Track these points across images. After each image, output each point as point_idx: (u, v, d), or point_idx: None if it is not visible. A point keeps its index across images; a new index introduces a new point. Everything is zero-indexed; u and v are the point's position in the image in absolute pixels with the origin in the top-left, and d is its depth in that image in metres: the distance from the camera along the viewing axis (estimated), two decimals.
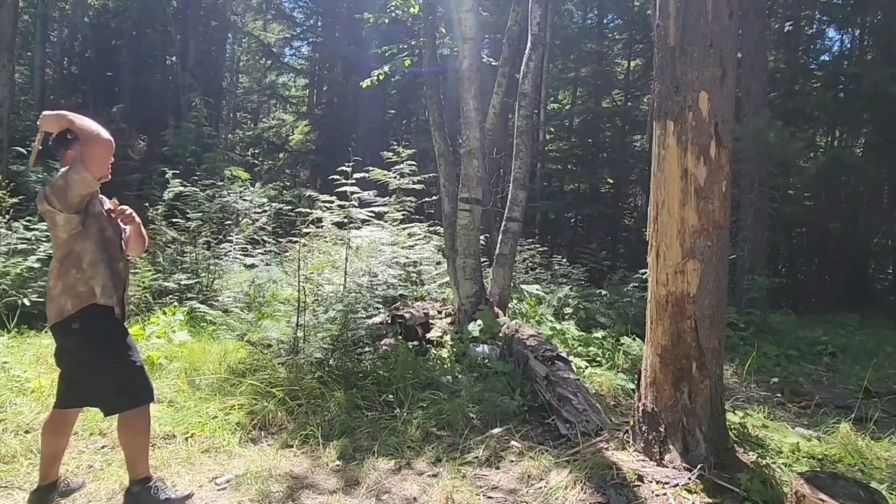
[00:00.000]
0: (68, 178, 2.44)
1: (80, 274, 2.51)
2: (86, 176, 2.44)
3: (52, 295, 2.53)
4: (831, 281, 13.38)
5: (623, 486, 2.76)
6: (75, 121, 2.49)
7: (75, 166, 2.44)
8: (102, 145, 2.50)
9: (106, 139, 2.50)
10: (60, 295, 2.50)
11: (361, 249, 5.74)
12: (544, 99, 15.93)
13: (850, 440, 3.41)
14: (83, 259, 2.52)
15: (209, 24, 19.74)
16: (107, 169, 2.57)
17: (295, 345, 4.34)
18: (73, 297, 2.50)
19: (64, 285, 2.50)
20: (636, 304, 7.34)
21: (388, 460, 3.28)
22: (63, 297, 2.50)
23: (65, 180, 2.44)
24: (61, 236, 2.51)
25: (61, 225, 2.49)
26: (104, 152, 2.51)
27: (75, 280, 2.50)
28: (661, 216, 2.97)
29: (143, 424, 2.61)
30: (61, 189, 2.44)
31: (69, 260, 2.52)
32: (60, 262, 2.53)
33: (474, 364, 4.68)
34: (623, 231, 16.37)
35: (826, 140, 14.72)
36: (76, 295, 2.50)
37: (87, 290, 2.51)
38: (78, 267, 2.51)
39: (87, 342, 2.54)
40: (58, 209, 2.45)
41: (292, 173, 21.60)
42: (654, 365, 3.04)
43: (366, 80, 6.45)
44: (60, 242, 2.53)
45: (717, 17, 2.86)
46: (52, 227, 2.53)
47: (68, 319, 2.50)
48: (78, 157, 2.46)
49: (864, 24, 14.23)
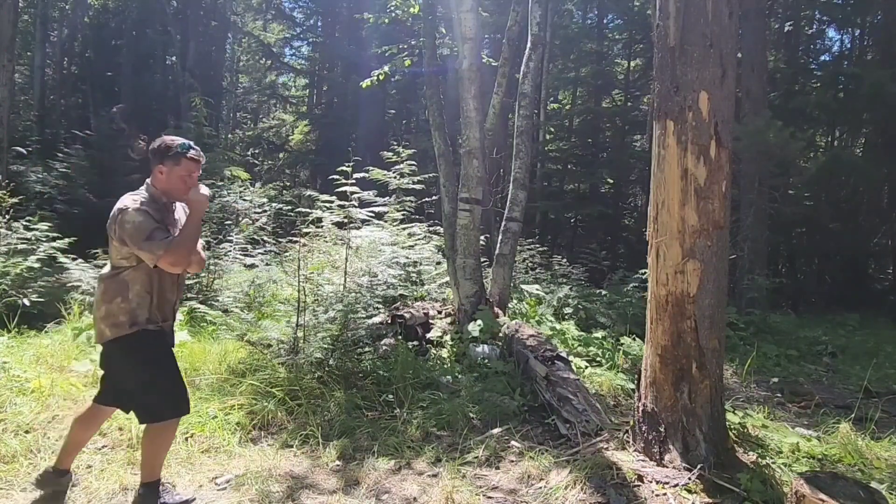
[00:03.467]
0: (130, 218, 2.41)
1: (125, 304, 2.49)
2: (141, 221, 2.41)
3: (95, 314, 2.55)
4: (831, 281, 13.38)
5: (623, 486, 2.76)
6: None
7: (134, 211, 2.42)
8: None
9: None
10: (102, 319, 2.51)
11: (361, 249, 5.73)
12: (544, 99, 15.92)
13: (850, 440, 3.41)
14: (130, 289, 2.49)
15: (209, 24, 19.74)
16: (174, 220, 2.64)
17: (295, 345, 4.34)
18: (113, 325, 2.49)
19: (106, 311, 2.49)
20: (636, 304, 7.33)
21: (388, 460, 3.28)
22: (104, 322, 2.50)
23: (130, 221, 2.41)
24: (114, 257, 2.52)
25: (115, 247, 2.50)
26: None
27: (118, 308, 2.48)
28: (661, 216, 2.97)
29: (166, 437, 2.63)
30: (121, 223, 2.43)
31: (116, 285, 2.50)
32: (107, 282, 2.53)
33: (474, 364, 4.68)
34: (623, 231, 16.36)
35: (826, 140, 14.72)
36: (116, 324, 2.49)
37: (128, 320, 2.49)
38: (123, 296, 2.49)
39: (125, 361, 2.56)
40: (115, 237, 2.46)
41: (292, 173, 21.60)
42: (654, 365, 3.04)
43: (366, 80, 6.44)
44: (112, 262, 2.53)
45: (717, 17, 2.86)
46: (110, 242, 2.52)
47: (108, 342, 2.52)
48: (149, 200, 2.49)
49: (864, 24, 14.23)
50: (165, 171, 2.55)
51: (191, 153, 2.57)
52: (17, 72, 13.13)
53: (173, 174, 2.55)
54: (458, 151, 6.11)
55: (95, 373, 4.12)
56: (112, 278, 2.51)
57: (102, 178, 12.46)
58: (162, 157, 2.55)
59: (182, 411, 2.65)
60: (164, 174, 2.55)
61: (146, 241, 2.39)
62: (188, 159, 2.56)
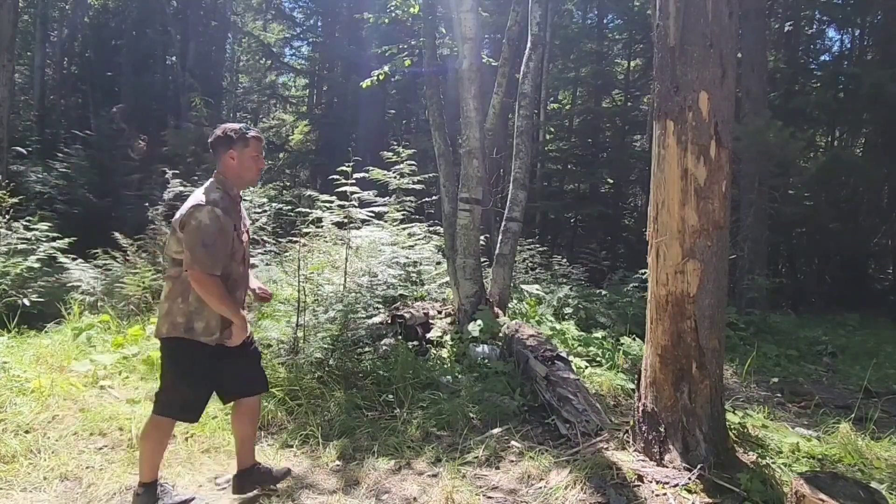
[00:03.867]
0: (201, 218, 2.42)
1: (185, 305, 2.51)
2: (210, 227, 2.43)
3: (159, 309, 2.60)
4: (831, 281, 13.37)
5: (623, 486, 2.76)
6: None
7: (208, 212, 2.43)
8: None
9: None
10: (162, 316, 2.56)
11: (361, 249, 5.73)
12: (544, 99, 15.91)
13: (850, 440, 3.40)
14: (191, 292, 2.50)
15: (209, 24, 19.73)
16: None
17: (295, 345, 4.34)
18: (170, 324, 2.52)
19: (168, 308, 2.54)
20: (636, 304, 7.33)
21: (388, 460, 3.28)
22: (163, 319, 2.55)
23: (197, 219, 2.42)
24: (173, 248, 2.53)
25: (173, 245, 2.52)
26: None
27: (178, 309, 2.52)
28: (661, 216, 2.97)
29: (161, 432, 2.64)
30: (188, 216, 2.44)
31: (179, 285, 2.53)
32: (172, 281, 2.56)
33: (474, 364, 4.68)
34: (623, 231, 16.35)
35: (826, 140, 14.71)
36: (173, 324, 2.52)
37: (184, 323, 2.51)
38: (184, 298, 2.51)
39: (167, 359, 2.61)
40: (177, 237, 2.47)
41: (292, 173, 21.57)
42: (654, 365, 3.04)
43: (366, 80, 6.44)
44: (172, 256, 2.55)
45: (717, 17, 2.86)
46: (171, 235, 2.54)
47: (163, 339, 2.57)
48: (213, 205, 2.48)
49: (864, 24, 14.22)
50: (236, 155, 2.58)
51: (252, 133, 2.63)
52: (17, 72, 13.12)
53: (244, 156, 2.59)
54: (458, 151, 6.11)
55: (95, 373, 4.13)
56: (177, 277, 2.53)
57: (102, 178, 12.47)
58: (230, 144, 2.58)
59: (186, 418, 2.69)
60: (236, 159, 2.59)
61: (202, 246, 2.41)
62: (253, 139, 2.62)
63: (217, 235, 2.44)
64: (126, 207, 11.45)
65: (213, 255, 2.43)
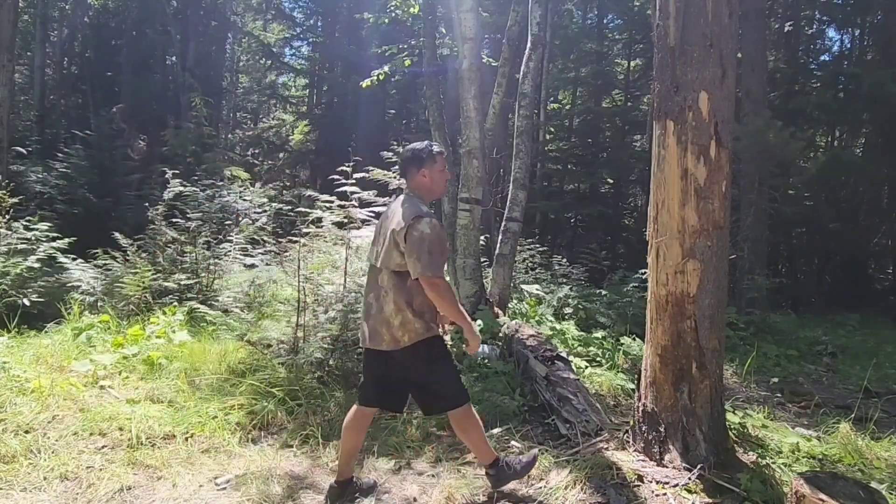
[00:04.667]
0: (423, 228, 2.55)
1: (414, 310, 2.65)
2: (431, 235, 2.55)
3: (390, 322, 2.65)
4: (831, 281, 13.37)
5: (623, 486, 2.76)
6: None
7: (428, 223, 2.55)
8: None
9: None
10: (399, 327, 2.64)
11: (361, 249, 5.73)
12: (544, 99, 15.92)
13: (850, 440, 3.40)
14: (414, 299, 2.64)
15: (209, 24, 19.73)
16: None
17: (295, 345, 4.34)
18: (410, 331, 2.64)
19: (403, 319, 2.64)
20: (636, 304, 7.33)
21: (388, 460, 3.28)
22: (401, 330, 2.64)
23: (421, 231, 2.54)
24: (396, 260, 2.62)
25: (401, 251, 2.60)
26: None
27: (411, 318, 2.64)
28: (661, 216, 2.97)
29: (471, 419, 2.77)
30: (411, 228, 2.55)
31: (404, 294, 2.64)
32: (394, 291, 2.65)
33: (474, 364, 4.68)
34: (623, 231, 16.35)
35: (826, 140, 14.71)
36: (412, 331, 2.64)
37: (422, 326, 2.65)
38: (410, 304, 2.64)
39: (421, 359, 2.70)
40: (402, 241, 2.57)
41: (292, 173, 21.57)
42: (654, 365, 3.04)
43: (366, 80, 6.44)
44: (392, 269, 2.64)
45: (717, 17, 2.86)
46: (390, 249, 2.62)
47: (402, 349, 2.65)
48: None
49: (864, 24, 14.22)
50: (428, 173, 2.75)
51: (437, 148, 2.80)
52: (17, 72, 13.12)
53: (435, 173, 2.76)
54: (458, 151, 6.11)
55: (95, 373, 4.13)
56: (401, 287, 2.64)
57: (102, 178, 12.46)
58: (421, 163, 2.74)
59: (465, 399, 2.79)
60: (428, 176, 2.75)
61: (428, 254, 2.53)
62: (439, 154, 2.78)
63: (438, 243, 2.58)
64: (126, 207, 11.45)
65: (438, 261, 2.58)
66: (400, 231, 2.57)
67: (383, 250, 2.67)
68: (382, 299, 2.68)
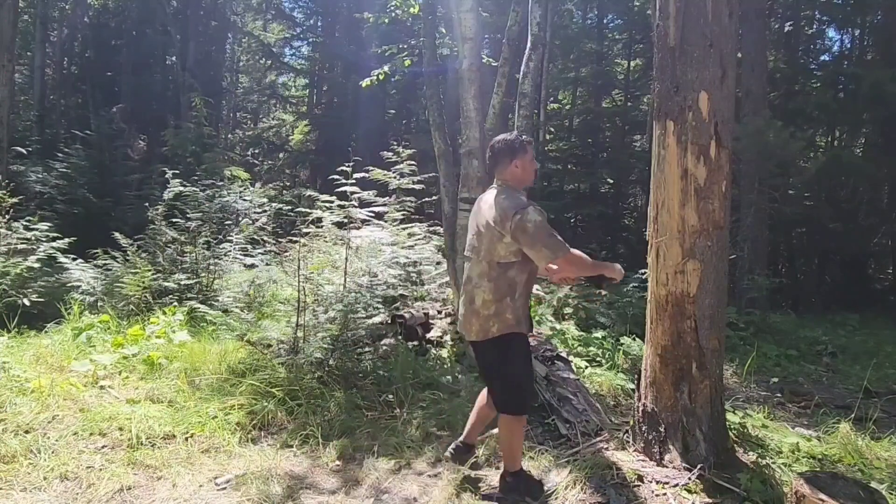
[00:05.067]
0: (532, 217, 2.60)
1: (512, 303, 2.71)
2: (541, 221, 2.61)
3: (481, 313, 2.73)
4: (831, 281, 13.36)
5: (623, 486, 2.76)
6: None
7: (533, 210, 2.63)
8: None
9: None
10: (491, 317, 2.71)
11: (361, 249, 5.73)
12: (544, 99, 15.89)
13: (850, 440, 3.40)
14: (516, 290, 2.72)
15: (209, 24, 19.73)
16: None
17: (295, 345, 4.34)
18: (501, 322, 2.71)
19: (497, 309, 2.70)
20: (636, 304, 7.32)
21: (388, 460, 3.28)
22: (492, 320, 2.71)
23: (532, 220, 2.60)
24: (500, 252, 2.68)
25: (504, 244, 2.66)
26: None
27: (506, 307, 2.70)
28: (661, 216, 2.97)
29: (515, 431, 2.82)
30: (521, 221, 2.60)
31: (503, 285, 2.70)
32: (496, 282, 2.71)
33: (474, 364, 4.68)
34: (623, 231, 16.33)
35: (826, 140, 14.69)
36: (504, 321, 2.71)
37: (513, 319, 2.72)
38: (511, 296, 2.71)
39: (499, 354, 2.77)
40: (507, 233, 2.63)
41: (292, 173, 21.57)
42: (654, 365, 3.04)
43: (365, 79, 6.44)
44: (495, 260, 2.70)
45: (717, 17, 2.86)
46: (493, 241, 2.68)
47: (491, 339, 2.73)
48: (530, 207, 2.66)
49: (864, 24, 14.20)
50: (520, 163, 2.80)
51: (526, 139, 2.87)
52: (17, 72, 13.11)
53: (526, 162, 2.82)
54: (458, 151, 6.10)
55: (95, 373, 4.13)
56: (501, 277, 2.70)
57: (102, 178, 12.47)
58: (514, 153, 2.79)
59: (524, 410, 2.86)
60: (520, 166, 2.81)
61: (549, 237, 2.60)
62: (529, 144, 2.85)
63: (548, 225, 2.64)
64: (126, 207, 11.45)
65: (558, 240, 2.62)
66: (504, 224, 2.62)
67: (483, 243, 2.72)
68: (475, 291, 2.75)
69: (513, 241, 2.64)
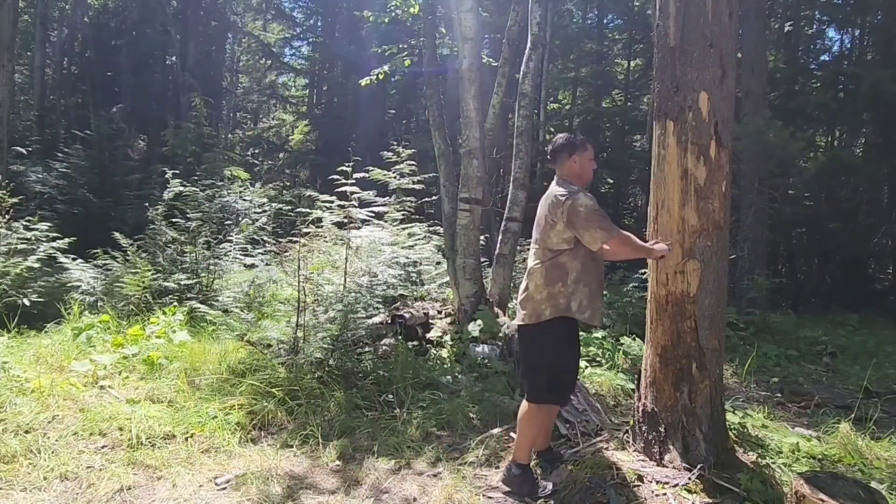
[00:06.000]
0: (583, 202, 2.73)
1: (564, 288, 2.79)
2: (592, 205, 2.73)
3: (534, 297, 2.82)
4: (831, 281, 13.35)
5: (623, 486, 2.76)
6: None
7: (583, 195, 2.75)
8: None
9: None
10: (543, 301, 2.80)
11: (361, 249, 5.73)
12: (544, 99, 15.89)
13: (850, 440, 3.40)
14: (568, 275, 2.79)
15: (209, 24, 19.73)
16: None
17: (295, 345, 4.34)
18: (553, 306, 2.79)
19: (549, 293, 2.80)
20: (636, 304, 7.32)
21: (388, 460, 3.28)
22: (545, 304, 2.80)
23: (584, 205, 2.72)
24: (553, 240, 2.81)
25: (557, 231, 2.79)
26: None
27: (559, 292, 2.79)
28: (661, 216, 2.98)
29: (541, 420, 2.90)
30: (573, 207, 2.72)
31: (556, 271, 2.80)
32: (547, 269, 2.82)
33: (474, 364, 4.68)
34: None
35: (826, 140, 14.69)
36: (556, 305, 2.79)
37: (565, 303, 2.79)
38: (563, 281, 2.79)
39: (537, 340, 2.87)
40: (561, 219, 2.75)
41: (292, 173, 21.58)
42: (654, 365, 3.04)
43: (365, 78, 6.44)
44: (547, 247, 2.82)
45: (717, 17, 2.86)
46: (546, 230, 2.82)
47: (542, 323, 2.80)
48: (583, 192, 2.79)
49: (864, 24, 14.20)
50: (579, 160, 2.92)
51: (582, 138, 2.99)
52: (17, 72, 13.11)
53: (584, 160, 2.94)
54: (458, 151, 6.10)
55: (95, 373, 4.13)
56: (553, 263, 2.80)
57: (102, 178, 12.47)
58: (573, 150, 2.93)
59: (560, 401, 2.96)
60: (578, 163, 2.93)
61: (601, 220, 2.72)
62: (588, 143, 2.98)
63: (598, 208, 2.76)
64: (126, 207, 11.45)
65: (608, 222, 2.74)
66: (556, 211, 2.76)
67: (539, 233, 2.87)
68: (529, 278, 2.86)
69: (566, 228, 2.75)
